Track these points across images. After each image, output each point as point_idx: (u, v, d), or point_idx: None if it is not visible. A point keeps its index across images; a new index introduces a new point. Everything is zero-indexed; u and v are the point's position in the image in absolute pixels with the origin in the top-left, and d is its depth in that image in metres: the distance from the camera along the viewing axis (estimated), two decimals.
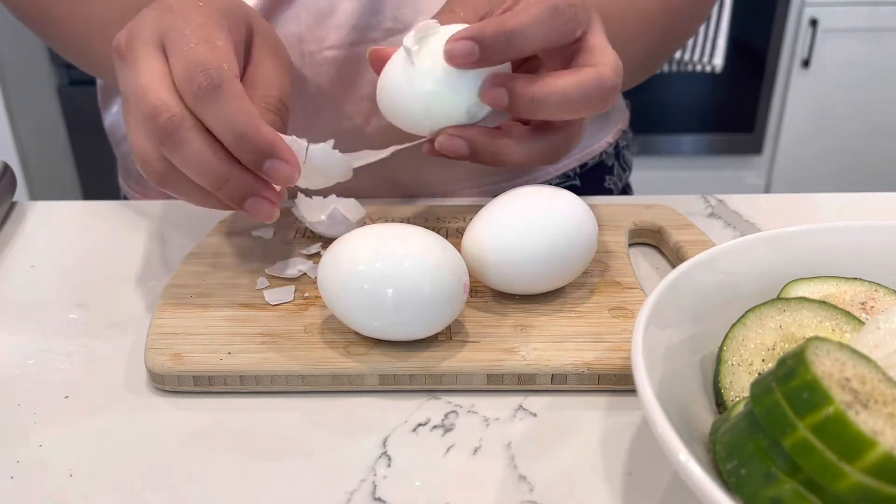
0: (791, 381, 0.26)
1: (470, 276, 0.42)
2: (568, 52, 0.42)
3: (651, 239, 0.51)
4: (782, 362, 0.27)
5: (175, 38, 0.39)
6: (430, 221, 0.51)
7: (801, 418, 0.25)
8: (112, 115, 0.64)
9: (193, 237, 0.52)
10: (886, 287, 0.37)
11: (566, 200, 0.41)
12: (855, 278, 0.37)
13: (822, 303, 0.35)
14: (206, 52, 0.38)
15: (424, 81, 0.41)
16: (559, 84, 0.40)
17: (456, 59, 0.39)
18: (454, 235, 0.49)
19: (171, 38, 0.39)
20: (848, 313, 0.34)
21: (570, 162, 0.63)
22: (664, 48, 0.62)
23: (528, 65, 0.47)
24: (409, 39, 0.41)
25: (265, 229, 0.50)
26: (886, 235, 0.39)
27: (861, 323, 0.34)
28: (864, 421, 0.24)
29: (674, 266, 0.47)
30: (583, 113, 0.41)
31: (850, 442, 0.24)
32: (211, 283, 0.44)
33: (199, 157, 0.38)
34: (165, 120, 0.37)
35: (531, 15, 0.39)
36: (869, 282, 0.37)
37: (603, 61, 0.41)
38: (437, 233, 0.49)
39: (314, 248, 0.48)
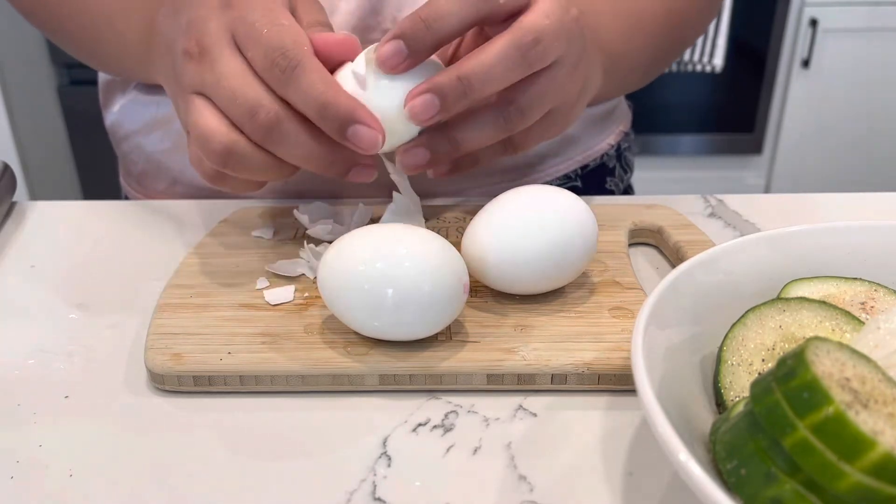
0: (791, 380, 0.26)
1: (470, 276, 0.42)
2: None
3: (651, 239, 0.51)
4: (782, 362, 0.27)
5: (247, 32, 0.39)
6: (430, 221, 0.51)
7: (801, 418, 0.25)
8: (113, 115, 0.64)
9: (194, 237, 0.52)
10: (886, 287, 0.37)
11: (566, 200, 0.41)
12: (855, 278, 0.37)
13: (822, 303, 0.35)
14: (279, 36, 0.39)
15: (378, 104, 0.40)
16: (479, 58, 0.40)
17: (417, 115, 0.40)
18: (454, 235, 0.49)
19: (241, 32, 0.40)
20: (848, 313, 0.34)
21: (571, 164, 0.63)
22: (666, 56, 0.62)
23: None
24: (357, 65, 0.41)
25: (265, 229, 0.50)
26: (886, 235, 0.39)
27: (861, 323, 0.34)
28: (864, 421, 0.24)
29: (674, 266, 0.47)
30: (513, 73, 0.40)
31: (850, 442, 0.24)
32: (211, 283, 0.44)
33: (303, 148, 0.40)
34: (264, 118, 0.38)
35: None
36: (869, 282, 0.37)
37: (517, 23, 0.40)
38: (438, 233, 0.49)
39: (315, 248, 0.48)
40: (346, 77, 0.41)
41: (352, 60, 0.42)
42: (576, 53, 0.43)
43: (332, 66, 0.41)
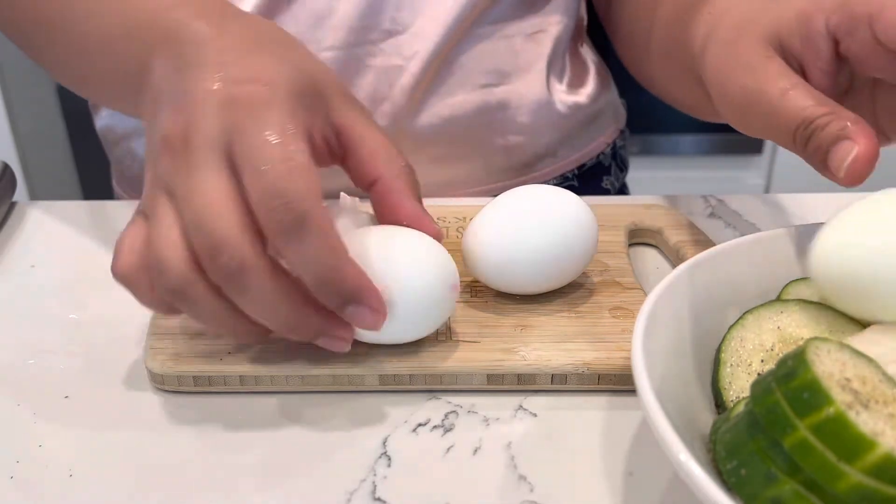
0: (791, 381, 0.26)
1: (470, 276, 0.42)
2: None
3: (651, 239, 0.51)
4: (783, 362, 0.27)
5: (248, 153, 0.32)
6: (439, 223, 0.51)
7: (802, 418, 0.25)
8: (103, 119, 0.64)
9: None
10: None
11: (566, 200, 0.41)
12: None
13: (821, 304, 0.35)
14: (286, 178, 0.32)
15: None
16: None
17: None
18: (454, 235, 0.49)
19: (242, 150, 0.32)
20: (846, 314, 0.34)
21: (567, 163, 0.63)
22: None
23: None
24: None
25: None
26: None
27: (859, 324, 0.34)
28: (865, 421, 0.24)
29: (674, 266, 0.47)
30: None
31: (850, 442, 0.24)
32: None
33: (267, 307, 0.33)
34: (226, 262, 0.32)
35: None
36: None
37: None
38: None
39: None
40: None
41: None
42: None
43: None
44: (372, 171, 0.39)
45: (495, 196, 0.43)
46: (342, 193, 0.49)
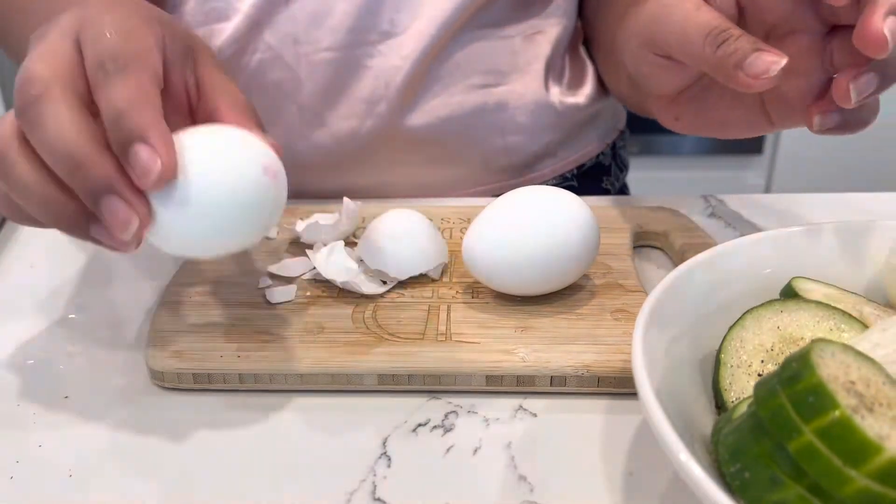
0: (796, 384, 0.26)
1: (470, 276, 0.42)
2: None
3: (656, 241, 0.50)
4: (787, 364, 0.26)
5: (91, 33, 0.33)
6: (435, 221, 0.51)
7: (807, 422, 0.25)
8: None
9: None
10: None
11: (567, 201, 0.41)
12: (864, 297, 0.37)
13: (820, 303, 0.35)
14: (121, 43, 0.32)
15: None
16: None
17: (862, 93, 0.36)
18: (456, 235, 0.49)
19: (86, 29, 0.33)
20: (846, 313, 0.34)
21: (567, 163, 0.63)
22: None
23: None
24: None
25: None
26: (886, 236, 0.39)
27: (859, 322, 0.34)
28: (870, 425, 0.24)
29: None
30: None
31: (855, 447, 0.24)
32: (214, 282, 0.44)
33: (29, 187, 0.32)
34: (26, 91, 0.32)
35: None
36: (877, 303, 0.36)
37: None
38: (439, 233, 0.49)
39: (317, 248, 0.48)
40: None
41: None
42: None
43: None
44: (211, 104, 0.37)
45: (496, 196, 0.43)
46: (345, 198, 0.49)
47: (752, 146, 2.02)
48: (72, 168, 0.31)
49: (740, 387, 0.32)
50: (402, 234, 0.44)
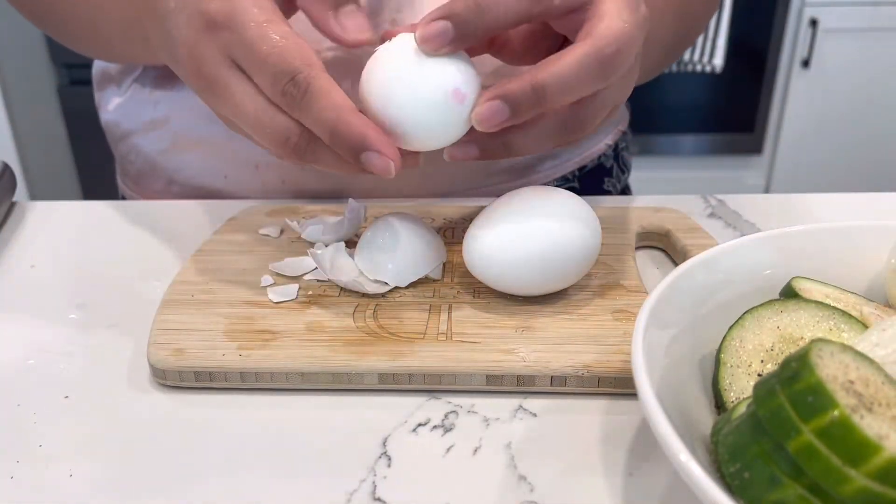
0: (795, 384, 0.26)
1: (471, 276, 0.42)
2: (579, 20, 0.39)
3: (659, 242, 0.50)
4: (786, 364, 0.26)
5: (246, 55, 0.38)
6: (436, 221, 0.51)
7: (806, 422, 0.25)
8: (108, 114, 0.64)
9: (193, 237, 0.52)
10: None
11: (568, 201, 0.41)
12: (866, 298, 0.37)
13: (820, 303, 0.35)
14: (283, 58, 0.37)
15: (416, 99, 0.38)
16: (557, 68, 0.37)
17: (429, 42, 0.37)
18: (458, 235, 0.49)
19: (240, 55, 0.38)
20: (845, 313, 0.34)
21: (569, 165, 0.63)
22: (677, 46, 0.61)
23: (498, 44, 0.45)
24: (390, 51, 0.39)
25: (272, 228, 0.50)
26: (887, 236, 0.39)
27: (859, 322, 0.34)
28: (869, 425, 0.24)
29: None
30: (589, 87, 0.38)
31: (855, 446, 0.24)
32: (216, 280, 0.44)
33: (335, 166, 0.39)
34: (294, 143, 0.39)
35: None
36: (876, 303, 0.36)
37: (597, 31, 0.38)
38: (440, 233, 0.49)
39: (319, 248, 0.48)
40: (383, 59, 0.39)
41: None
42: (636, 53, 0.41)
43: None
44: None
45: (495, 196, 0.43)
46: (350, 199, 0.49)
47: (752, 146, 2.02)
48: (328, 134, 0.37)
49: (740, 387, 0.32)
50: (397, 243, 0.44)
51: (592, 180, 0.66)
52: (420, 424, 0.37)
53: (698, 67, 1.88)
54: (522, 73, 0.38)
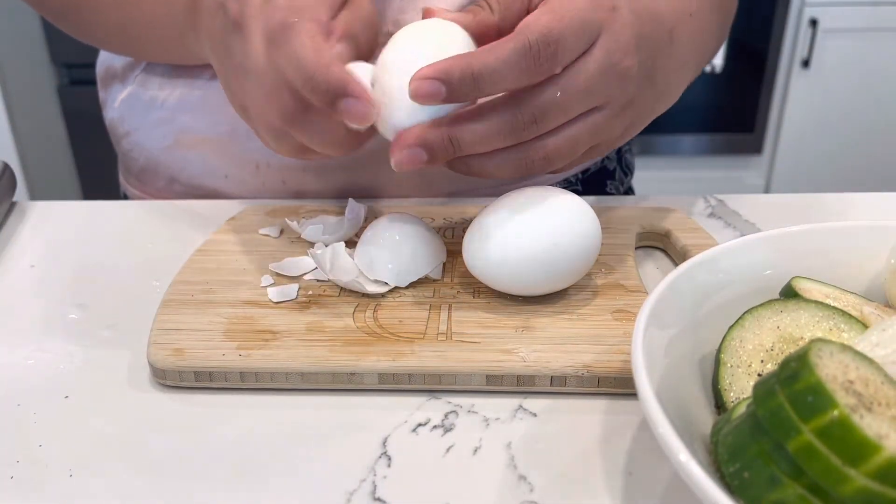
0: (795, 383, 0.26)
1: (471, 276, 0.42)
2: None
3: (659, 242, 0.50)
4: (786, 364, 0.26)
5: (254, 7, 0.40)
6: (436, 221, 0.51)
7: (806, 422, 0.25)
8: (113, 111, 0.64)
9: (193, 237, 0.52)
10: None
11: (568, 201, 0.41)
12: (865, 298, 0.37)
13: (820, 303, 0.35)
14: (282, 6, 0.39)
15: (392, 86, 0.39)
16: (493, 53, 0.37)
17: (422, 97, 0.37)
18: (458, 235, 0.49)
19: (250, 6, 0.40)
20: (845, 313, 0.34)
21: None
22: (716, 45, 0.60)
23: None
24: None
25: (273, 228, 0.50)
26: (887, 236, 0.39)
27: (859, 322, 0.34)
28: (869, 425, 0.24)
29: None
30: (518, 83, 0.38)
31: (854, 446, 0.24)
32: (216, 280, 0.45)
33: (322, 136, 0.40)
34: (286, 106, 0.40)
35: (500, 56, 0.37)
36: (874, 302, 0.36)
37: (529, 24, 0.38)
38: (440, 232, 0.49)
39: (319, 248, 0.48)
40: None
41: None
42: (628, 93, 0.41)
43: None
44: None
45: (496, 197, 0.43)
46: (350, 199, 0.49)
47: (752, 146, 2.02)
48: (306, 78, 0.37)
49: (740, 387, 0.32)
50: (397, 243, 0.44)
51: (595, 183, 0.66)
52: (420, 424, 0.37)
53: None
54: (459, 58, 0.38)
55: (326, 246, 0.46)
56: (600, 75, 0.39)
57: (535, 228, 0.40)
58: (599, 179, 0.66)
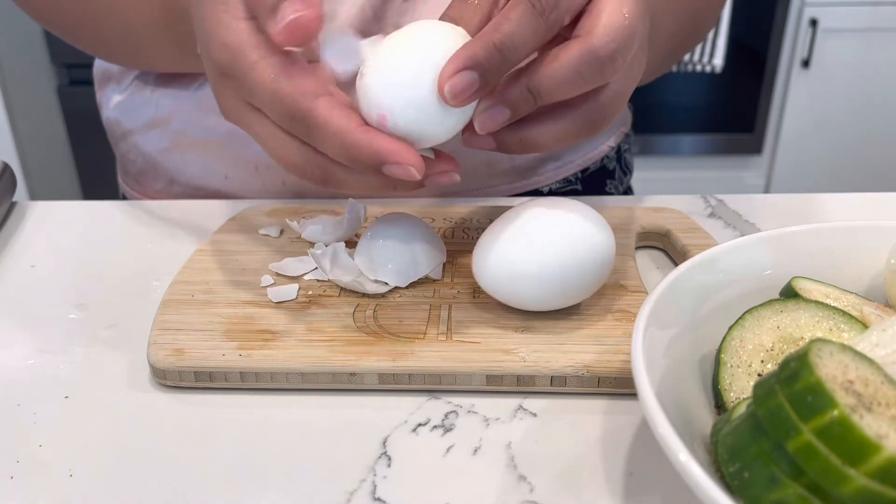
0: (795, 383, 0.26)
1: (471, 276, 0.42)
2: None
3: (659, 242, 0.50)
4: (785, 364, 0.26)
5: (257, 102, 0.38)
6: (436, 221, 0.51)
7: (806, 422, 0.25)
8: (109, 110, 0.64)
9: (193, 237, 0.52)
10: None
11: (582, 216, 0.40)
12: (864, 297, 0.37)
13: (820, 303, 0.35)
14: (278, 99, 0.36)
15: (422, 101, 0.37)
16: (548, 71, 0.37)
17: (459, 97, 0.36)
18: (460, 236, 0.49)
19: (251, 100, 0.38)
20: (845, 313, 0.34)
21: (571, 167, 0.63)
22: (687, 44, 0.61)
23: None
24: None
25: (273, 228, 0.50)
26: (887, 236, 0.39)
27: (859, 322, 0.34)
28: (868, 425, 0.24)
29: None
30: (586, 87, 0.38)
31: (854, 446, 0.24)
32: (216, 280, 0.45)
33: (363, 187, 0.39)
34: (312, 175, 0.38)
35: (513, 19, 0.36)
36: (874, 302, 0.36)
37: (591, 29, 0.37)
38: (443, 234, 0.49)
39: (319, 248, 0.48)
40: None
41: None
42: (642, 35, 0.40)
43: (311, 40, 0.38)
44: None
45: (497, 198, 0.43)
46: (350, 199, 0.49)
47: (752, 146, 2.02)
48: (351, 161, 0.37)
49: (740, 386, 0.33)
50: (397, 243, 0.44)
51: (595, 182, 0.66)
52: (420, 424, 0.37)
53: (698, 67, 1.88)
54: (517, 74, 0.37)
55: (326, 246, 0.46)
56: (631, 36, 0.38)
57: (549, 245, 0.39)
58: (600, 179, 0.66)
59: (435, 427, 0.36)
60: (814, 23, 1.85)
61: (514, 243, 0.39)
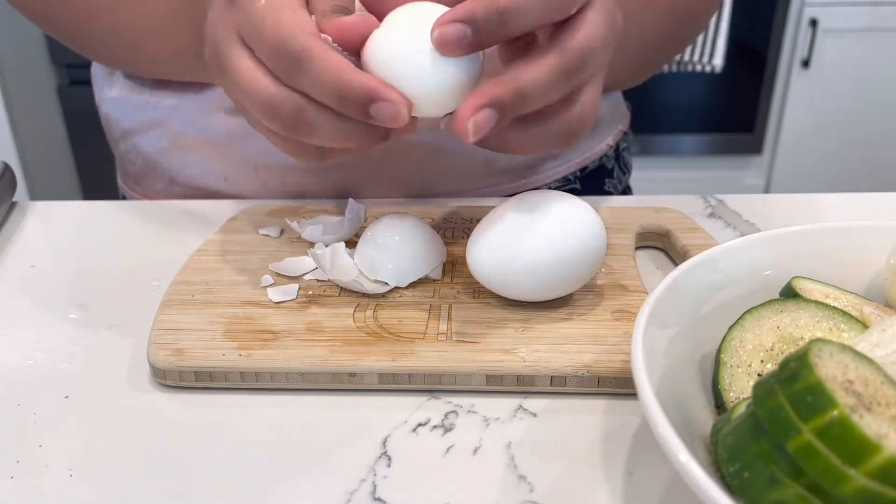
0: (795, 383, 0.26)
1: (471, 276, 0.42)
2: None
3: (658, 242, 0.50)
4: (785, 364, 0.26)
5: (250, 30, 0.37)
6: (436, 221, 0.51)
7: (806, 422, 0.25)
8: (107, 107, 0.64)
9: (193, 237, 0.52)
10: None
11: (573, 207, 0.41)
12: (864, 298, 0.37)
13: (820, 303, 0.35)
14: (280, 28, 0.36)
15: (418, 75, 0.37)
16: (522, 76, 0.36)
17: (447, 45, 0.36)
18: (458, 235, 0.49)
19: (246, 30, 0.38)
20: (845, 313, 0.34)
21: (570, 166, 0.63)
22: (668, 46, 0.61)
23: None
24: (390, 32, 0.38)
25: (273, 228, 0.50)
26: (887, 236, 0.39)
27: (859, 322, 0.34)
28: (868, 425, 0.24)
29: None
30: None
31: (854, 446, 0.24)
32: (216, 280, 0.45)
33: (332, 133, 0.38)
34: (283, 114, 0.37)
35: None
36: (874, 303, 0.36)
37: (570, 42, 0.37)
38: (441, 233, 0.49)
39: (319, 248, 0.48)
40: (379, 44, 0.37)
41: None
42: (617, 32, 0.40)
43: (356, 49, 0.38)
44: None
45: (497, 198, 0.43)
46: (350, 200, 0.49)
47: (752, 146, 2.02)
48: (339, 98, 0.36)
49: (740, 386, 0.33)
50: (397, 243, 0.44)
51: (594, 181, 0.66)
52: (420, 424, 0.37)
53: (698, 67, 1.88)
54: (501, 78, 0.37)
55: (326, 246, 0.46)
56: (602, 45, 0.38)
57: (537, 236, 0.39)
58: (598, 177, 0.66)
59: (435, 427, 0.36)
60: (814, 23, 1.85)
61: (502, 233, 0.40)
